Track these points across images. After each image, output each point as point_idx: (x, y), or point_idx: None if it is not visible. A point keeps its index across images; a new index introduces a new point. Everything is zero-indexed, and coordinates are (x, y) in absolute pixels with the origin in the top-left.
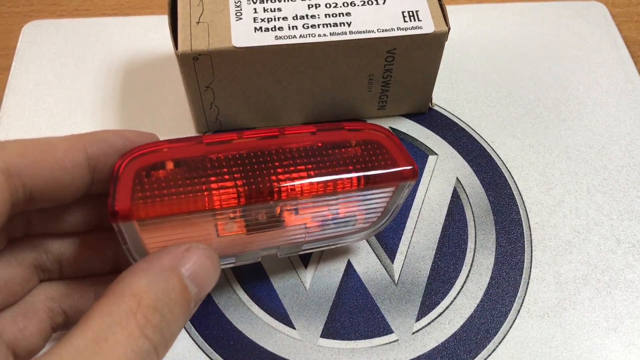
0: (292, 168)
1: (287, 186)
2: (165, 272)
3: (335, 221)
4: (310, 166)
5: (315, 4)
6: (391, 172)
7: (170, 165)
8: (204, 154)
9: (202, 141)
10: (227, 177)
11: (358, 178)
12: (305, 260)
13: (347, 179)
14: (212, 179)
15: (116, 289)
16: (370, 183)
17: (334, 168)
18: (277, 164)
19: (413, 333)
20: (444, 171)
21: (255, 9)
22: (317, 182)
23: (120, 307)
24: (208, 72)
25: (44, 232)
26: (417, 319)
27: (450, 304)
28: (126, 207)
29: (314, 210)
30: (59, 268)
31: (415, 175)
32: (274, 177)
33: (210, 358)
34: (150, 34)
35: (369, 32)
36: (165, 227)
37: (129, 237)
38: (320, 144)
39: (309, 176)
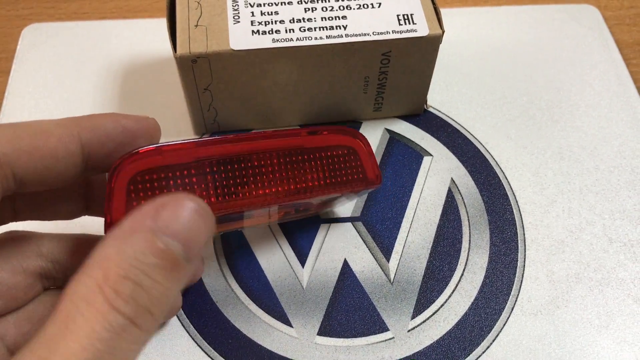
0: (268, 175)
1: (261, 194)
2: (137, 234)
3: (296, 211)
4: (287, 173)
5: (312, 8)
6: (358, 181)
7: (160, 173)
8: (193, 160)
9: (193, 146)
10: (210, 184)
11: (325, 182)
12: (302, 259)
13: (317, 184)
14: (195, 187)
15: (86, 263)
16: (336, 191)
17: (306, 174)
18: (255, 170)
19: (408, 331)
20: (439, 172)
21: (252, 12)
22: (288, 190)
23: (86, 283)
24: (206, 74)
25: (47, 236)
26: (413, 317)
27: (445, 302)
28: (120, 218)
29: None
30: (63, 277)
31: (378, 183)
32: (251, 185)
33: (208, 356)
34: (148, 37)
35: (365, 35)
36: None
37: None
38: (299, 148)
39: (283, 184)
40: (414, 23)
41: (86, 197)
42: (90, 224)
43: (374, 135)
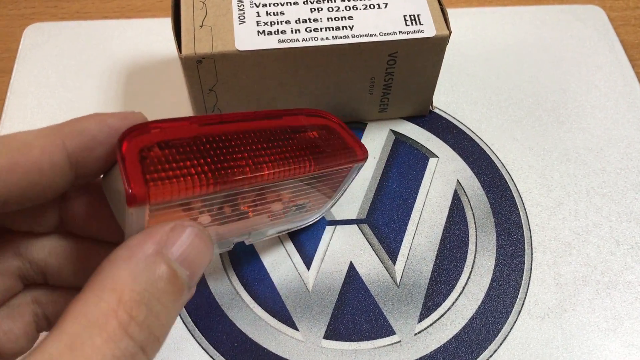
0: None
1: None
2: (150, 258)
3: (290, 206)
4: (275, 150)
5: (318, 8)
6: (346, 155)
7: (168, 145)
8: (196, 134)
9: (194, 122)
10: (209, 160)
11: (315, 160)
12: (308, 262)
13: (305, 161)
14: (209, 160)
15: (94, 283)
16: (326, 167)
17: (294, 152)
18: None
19: (415, 334)
20: (445, 173)
21: (258, 12)
22: (281, 169)
23: (98, 306)
24: (211, 75)
25: (25, 232)
26: (419, 320)
27: (452, 305)
28: (142, 190)
29: (274, 196)
30: (43, 278)
31: (365, 157)
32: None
33: (213, 359)
34: (151, 37)
35: (371, 35)
36: (167, 212)
37: (135, 222)
38: (282, 129)
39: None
40: (420, 24)
41: (60, 209)
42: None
43: (379, 136)
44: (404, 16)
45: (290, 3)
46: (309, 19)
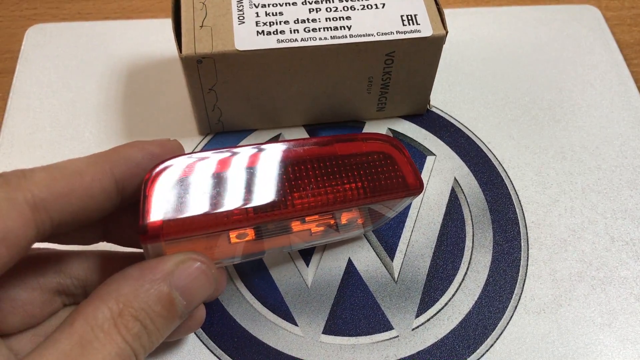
0: (306, 186)
1: (299, 203)
2: (155, 283)
3: (338, 226)
4: (323, 182)
5: (316, 8)
6: (399, 187)
7: (194, 181)
8: (225, 170)
9: (226, 155)
10: (246, 195)
11: (365, 191)
12: (307, 258)
13: (356, 192)
14: (230, 199)
15: (102, 292)
16: (377, 198)
17: (343, 181)
18: (292, 181)
19: (413, 329)
20: (442, 171)
21: (257, 12)
22: (327, 200)
23: (103, 312)
24: (211, 74)
25: (68, 253)
26: (417, 316)
27: (449, 300)
28: (157, 229)
29: (320, 219)
30: (83, 293)
31: (421, 190)
32: (288, 196)
33: (214, 354)
34: (152, 37)
35: (369, 35)
36: (186, 243)
37: (153, 252)
38: (333, 156)
39: (322, 193)
40: (417, 23)
41: (105, 225)
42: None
43: None
44: (401, 16)
45: (289, 3)
46: (308, 19)
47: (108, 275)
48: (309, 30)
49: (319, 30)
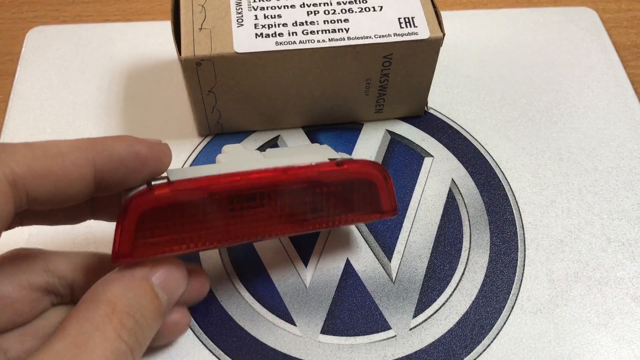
0: (280, 213)
1: (270, 230)
2: (136, 280)
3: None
4: (299, 211)
5: (314, 11)
6: (373, 214)
7: (169, 209)
8: (202, 197)
9: (205, 187)
10: (219, 222)
11: (339, 220)
12: (305, 258)
13: (331, 220)
14: (203, 224)
15: (91, 297)
16: (350, 222)
17: (314, 211)
18: (266, 207)
19: (410, 329)
20: (440, 173)
21: (256, 15)
22: (295, 227)
23: (96, 313)
24: (210, 76)
25: (55, 253)
26: (414, 316)
27: (446, 301)
28: (126, 253)
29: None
30: (70, 293)
31: (394, 213)
32: (260, 223)
33: (213, 354)
34: (152, 40)
35: (367, 38)
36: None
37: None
38: (312, 186)
39: (300, 222)
40: (415, 26)
41: (92, 202)
42: (96, 227)
43: (375, 136)
44: (399, 19)
45: (288, 6)
46: (306, 22)
47: (94, 275)
48: (307, 33)
49: (317, 33)
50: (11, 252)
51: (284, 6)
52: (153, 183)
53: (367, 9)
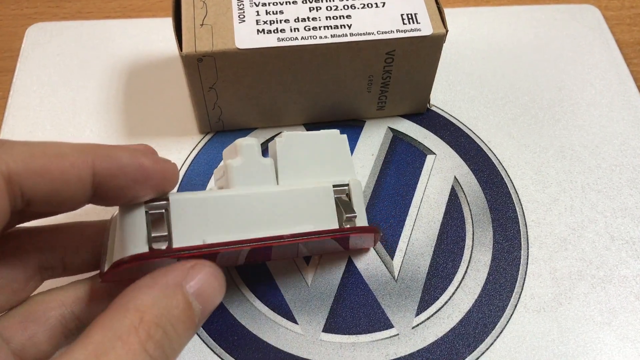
0: None
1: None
2: (170, 288)
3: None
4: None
5: (317, 7)
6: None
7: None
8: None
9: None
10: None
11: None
12: (307, 257)
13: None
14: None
15: (119, 303)
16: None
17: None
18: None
19: (413, 327)
20: (442, 170)
21: (257, 11)
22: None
23: (122, 322)
24: (212, 73)
25: (44, 228)
26: (417, 314)
27: (449, 299)
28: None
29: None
30: (61, 265)
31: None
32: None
33: (214, 353)
34: (152, 36)
35: (369, 34)
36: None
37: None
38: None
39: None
40: (417, 22)
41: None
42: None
43: (377, 133)
44: (402, 15)
45: (290, 2)
46: (308, 18)
47: (83, 245)
48: (310, 29)
49: (320, 29)
50: (1, 233)
51: (286, 2)
52: (154, 246)
53: (370, 5)
